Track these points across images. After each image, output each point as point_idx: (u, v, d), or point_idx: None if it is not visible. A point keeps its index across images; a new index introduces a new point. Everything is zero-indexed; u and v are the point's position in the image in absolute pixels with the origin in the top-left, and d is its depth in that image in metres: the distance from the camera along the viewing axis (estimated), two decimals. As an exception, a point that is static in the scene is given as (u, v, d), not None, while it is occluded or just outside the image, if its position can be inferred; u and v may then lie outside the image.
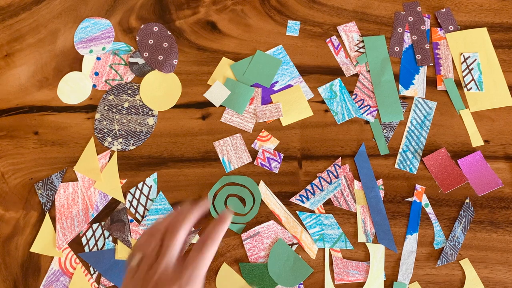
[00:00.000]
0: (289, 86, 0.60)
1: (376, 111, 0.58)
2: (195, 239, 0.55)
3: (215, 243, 0.44)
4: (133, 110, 0.60)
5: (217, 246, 0.44)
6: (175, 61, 0.61)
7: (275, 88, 0.60)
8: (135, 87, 0.61)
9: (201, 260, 0.44)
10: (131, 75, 0.61)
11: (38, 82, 0.62)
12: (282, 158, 0.57)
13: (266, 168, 0.57)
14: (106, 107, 0.60)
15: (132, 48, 0.62)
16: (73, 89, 0.61)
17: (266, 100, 0.59)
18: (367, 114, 0.58)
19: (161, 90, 0.61)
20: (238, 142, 0.58)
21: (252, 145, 0.58)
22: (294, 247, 0.55)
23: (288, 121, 0.58)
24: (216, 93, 0.59)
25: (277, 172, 0.57)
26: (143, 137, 0.59)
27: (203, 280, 0.42)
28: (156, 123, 0.60)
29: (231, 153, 0.58)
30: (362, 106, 0.58)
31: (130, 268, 0.46)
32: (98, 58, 0.62)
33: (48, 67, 0.62)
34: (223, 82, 0.60)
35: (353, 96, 0.59)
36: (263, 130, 0.58)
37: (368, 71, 0.59)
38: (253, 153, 0.58)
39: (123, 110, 0.60)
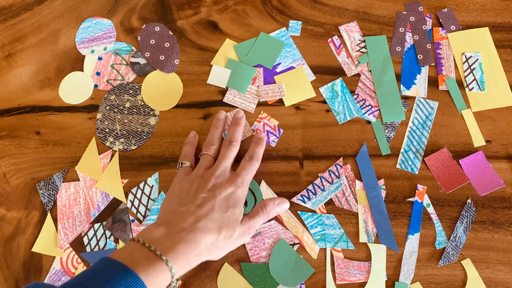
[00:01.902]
0: (291, 68, 0.60)
1: (378, 111, 0.58)
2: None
3: (259, 155, 0.53)
4: (134, 110, 0.60)
5: (260, 158, 0.54)
6: (177, 61, 0.61)
7: (277, 70, 0.60)
8: (137, 87, 0.61)
9: (251, 167, 0.52)
10: (132, 75, 0.61)
11: (40, 82, 0.62)
12: (281, 133, 0.57)
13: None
14: (107, 107, 0.60)
15: (133, 48, 0.62)
16: (75, 89, 0.61)
17: (269, 82, 0.60)
18: (369, 114, 0.58)
19: (162, 90, 0.61)
20: (240, 142, 0.58)
21: (252, 127, 0.58)
22: (295, 247, 0.55)
23: (291, 102, 0.59)
24: (218, 76, 0.59)
25: (274, 146, 0.57)
26: (144, 137, 0.59)
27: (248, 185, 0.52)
28: (157, 123, 0.60)
29: (233, 153, 0.58)
30: (364, 106, 0.58)
31: (183, 168, 0.54)
32: (100, 58, 0.62)
33: (50, 67, 0.62)
34: (224, 63, 0.60)
35: (355, 96, 0.59)
36: (262, 112, 0.58)
37: (370, 71, 0.59)
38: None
39: (125, 110, 0.60)
